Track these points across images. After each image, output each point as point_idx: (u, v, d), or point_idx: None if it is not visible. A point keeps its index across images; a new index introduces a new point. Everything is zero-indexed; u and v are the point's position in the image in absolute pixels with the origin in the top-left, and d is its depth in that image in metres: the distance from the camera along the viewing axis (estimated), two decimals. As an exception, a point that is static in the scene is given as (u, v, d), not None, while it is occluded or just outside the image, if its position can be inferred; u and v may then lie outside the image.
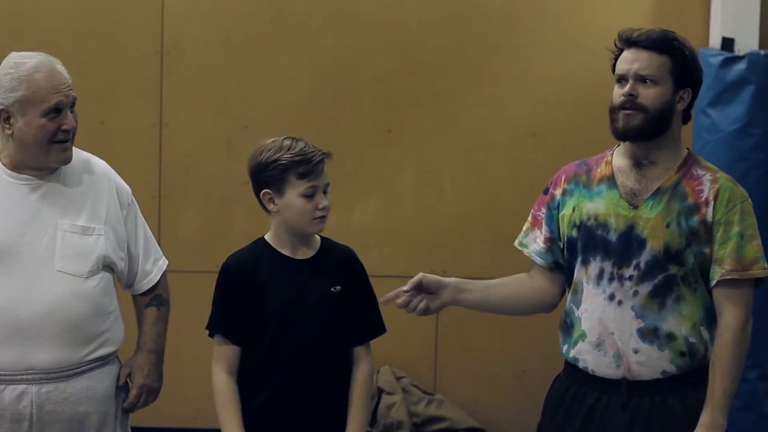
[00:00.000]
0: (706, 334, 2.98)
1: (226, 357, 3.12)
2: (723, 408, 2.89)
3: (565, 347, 3.11)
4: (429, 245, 5.51)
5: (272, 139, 3.12)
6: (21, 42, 5.42)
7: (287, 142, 3.08)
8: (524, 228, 3.24)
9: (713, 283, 2.95)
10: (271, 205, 3.10)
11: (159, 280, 3.36)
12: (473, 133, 5.47)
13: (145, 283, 3.33)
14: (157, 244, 3.42)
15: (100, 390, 3.20)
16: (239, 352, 3.12)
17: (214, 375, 3.13)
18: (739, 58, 5.08)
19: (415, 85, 5.47)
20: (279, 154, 3.06)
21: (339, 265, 3.19)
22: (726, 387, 2.89)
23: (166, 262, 3.41)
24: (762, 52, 5.10)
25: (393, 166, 5.50)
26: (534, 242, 3.19)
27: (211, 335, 3.16)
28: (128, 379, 3.30)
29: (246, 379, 3.13)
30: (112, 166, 3.38)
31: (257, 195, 3.13)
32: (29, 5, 5.43)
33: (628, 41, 3.01)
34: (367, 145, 5.49)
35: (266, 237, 3.19)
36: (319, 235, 3.21)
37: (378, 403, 5.39)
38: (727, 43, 5.19)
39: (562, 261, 3.14)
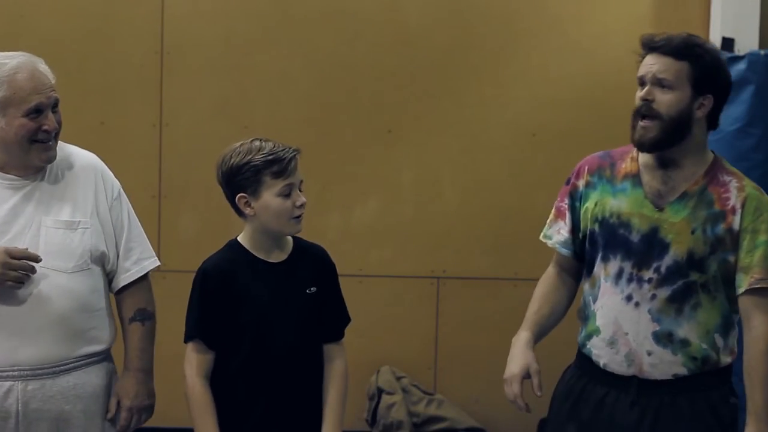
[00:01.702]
0: (720, 341, 2.97)
1: (201, 362, 3.09)
2: (766, 418, 2.88)
3: (580, 338, 3.12)
4: (429, 245, 5.51)
5: (239, 143, 3.09)
6: (21, 42, 5.41)
7: (257, 144, 3.06)
8: (548, 220, 3.21)
9: (741, 290, 2.93)
10: (248, 209, 3.07)
11: (141, 288, 3.29)
12: (473, 133, 5.47)
13: (123, 279, 3.26)
14: (149, 245, 3.35)
15: (88, 389, 3.18)
16: (214, 357, 3.10)
17: (188, 380, 3.09)
18: (739, 58, 5.08)
19: (415, 85, 5.46)
20: (250, 156, 3.03)
21: (313, 266, 3.17)
22: (766, 397, 2.88)
23: (156, 264, 3.34)
24: (762, 52, 5.10)
25: (393, 166, 5.50)
26: (558, 233, 3.17)
27: (186, 340, 3.12)
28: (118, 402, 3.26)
29: (224, 385, 3.10)
30: (112, 166, 3.37)
31: (231, 201, 3.10)
32: (29, 5, 5.43)
33: (649, 46, 2.99)
34: (367, 145, 5.49)
35: (240, 239, 3.16)
36: (291, 236, 3.19)
37: (378, 403, 5.39)
38: (727, 43, 5.19)
39: (582, 252, 3.14)
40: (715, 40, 5.28)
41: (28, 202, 3.14)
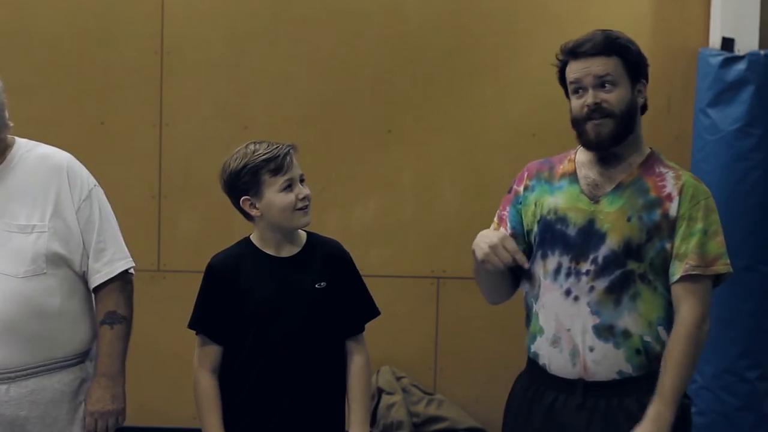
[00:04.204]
0: (663, 334, 2.94)
1: (208, 356, 3.13)
2: (671, 402, 2.85)
3: (526, 341, 3.11)
4: (429, 245, 5.51)
5: (236, 150, 3.14)
6: (21, 42, 5.44)
7: (251, 147, 3.12)
8: (491, 228, 3.17)
9: (675, 278, 2.91)
10: (254, 210, 3.11)
11: (113, 290, 3.22)
12: (473, 133, 5.47)
13: (93, 280, 3.21)
14: (123, 246, 3.28)
15: (46, 395, 3.15)
16: (221, 351, 3.13)
17: (196, 374, 3.14)
18: (739, 58, 5.08)
19: (415, 85, 5.47)
20: (247, 159, 3.09)
21: (324, 261, 3.19)
22: (675, 381, 2.85)
23: (129, 266, 3.26)
24: (762, 52, 5.10)
25: (393, 166, 5.50)
26: None
27: (196, 332, 3.16)
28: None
29: (229, 378, 3.13)
30: (112, 166, 3.36)
31: (237, 206, 3.14)
32: (29, 5, 5.43)
33: (573, 52, 2.98)
34: (367, 145, 5.49)
35: (251, 237, 3.20)
36: (305, 231, 3.21)
37: (378, 403, 5.39)
38: (727, 43, 5.19)
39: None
40: (715, 40, 5.28)
41: None
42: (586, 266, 2.94)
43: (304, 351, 3.11)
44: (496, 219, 3.19)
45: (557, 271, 2.98)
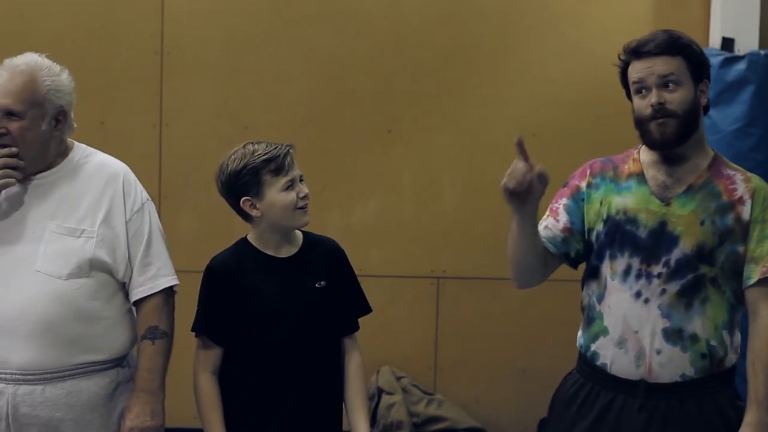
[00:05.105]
0: (727, 338, 2.95)
1: (209, 358, 3.13)
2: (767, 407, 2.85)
3: (583, 341, 3.07)
4: (429, 245, 5.51)
5: (233, 151, 3.13)
6: (21, 42, 5.42)
7: (250, 147, 3.11)
8: (541, 219, 3.13)
9: (751, 281, 2.90)
10: (254, 210, 3.10)
11: (155, 305, 3.21)
12: (473, 133, 5.47)
13: (135, 294, 3.20)
14: (170, 263, 3.27)
15: (82, 398, 3.15)
16: (222, 353, 3.13)
17: (197, 375, 3.14)
18: (739, 58, 5.08)
19: (415, 85, 5.46)
20: (246, 160, 3.08)
21: (323, 260, 3.19)
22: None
23: (173, 283, 3.25)
24: (762, 52, 5.10)
25: (393, 166, 5.50)
26: (545, 228, 3.09)
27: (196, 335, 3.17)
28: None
29: (230, 379, 3.13)
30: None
31: (236, 207, 3.13)
32: (29, 5, 5.43)
33: (636, 52, 2.97)
34: (367, 145, 5.49)
35: (249, 238, 3.19)
36: (301, 231, 3.21)
37: (378, 403, 5.39)
38: (727, 43, 5.19)
39: (574, 254, 3.09)
40: (715, 40, 5.29)
41: (36, 203, 3.14)
42: (657, 269, 2.93)
43: (305, 350, 3.12)
44: (548, 211, 3.13)
45: (627, 272, 2.96)
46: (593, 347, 3.03)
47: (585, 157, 3.24)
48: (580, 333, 3.10)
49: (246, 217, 3.15)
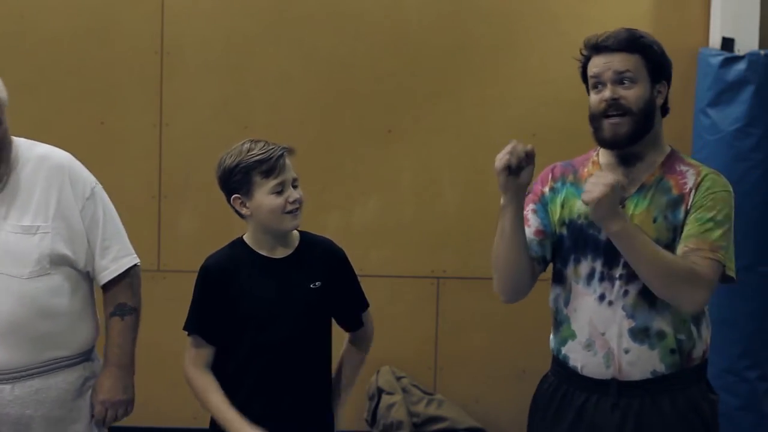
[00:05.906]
0: (695, 332, 2.95)
1: (200, 356, 3.14)
2: (621, 218, 2.80)
3: (554, 344, 3.09)
4: (429, 245, 5.51)
5: (234, 146, 3.15)
6: (21, 42, 5.44)
7: (247, 145, 3.12)
8: None
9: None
10: (244, 209, 3.12)
11: (122, 284, 3.26)
12: (473, 133, 5.47)
13: (101, 278, 3.25)
14: (127, 242, 3.32)
15: (51, 394, 3.17)
16: (213, 351, 3.14)
17: (188, 371, 3.14)
18: (739, 58, 5.08)
19: (415, 85, 5.46)
20: (240, 158, 3.09)
21: (319, 260, 3.19)
22: (645, 239, 2.80)
23: (135, 262, 3.31)
24: (762, 52, 5.10)
25: (393, 166, 5.50)
26: None
27: (188, 333, 3.18)
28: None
29: (225, 380, 3.13)
30: (112, 166, 3.37)
31: (229, 202, 3.15)
32: (29, 5, 5.43)
33: (596, 47, 2.98)
34: (367, 145, 5.49)
35: (244, 238, 3.20)
36: (298, 231, 3.21)
37: (378, 403, 5.39)
38: (727, 43, 5.19)
39: (549, 256, 3.09)
40: (715, 40, 5.28)
41: None
42: (618, 271, 2.93)
43: (300, 350, 3.12)
44: None
45: (590, 275, 2.97)
46: (563, 350, 3.05)
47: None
48: (551, 336, 3.12)
49: (239, 213, 3.16)
